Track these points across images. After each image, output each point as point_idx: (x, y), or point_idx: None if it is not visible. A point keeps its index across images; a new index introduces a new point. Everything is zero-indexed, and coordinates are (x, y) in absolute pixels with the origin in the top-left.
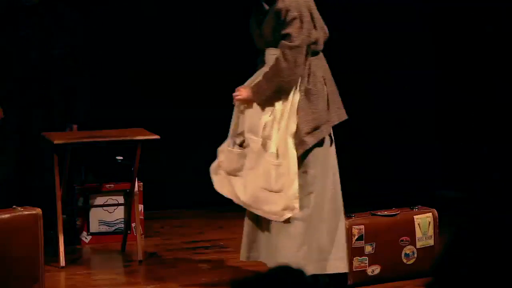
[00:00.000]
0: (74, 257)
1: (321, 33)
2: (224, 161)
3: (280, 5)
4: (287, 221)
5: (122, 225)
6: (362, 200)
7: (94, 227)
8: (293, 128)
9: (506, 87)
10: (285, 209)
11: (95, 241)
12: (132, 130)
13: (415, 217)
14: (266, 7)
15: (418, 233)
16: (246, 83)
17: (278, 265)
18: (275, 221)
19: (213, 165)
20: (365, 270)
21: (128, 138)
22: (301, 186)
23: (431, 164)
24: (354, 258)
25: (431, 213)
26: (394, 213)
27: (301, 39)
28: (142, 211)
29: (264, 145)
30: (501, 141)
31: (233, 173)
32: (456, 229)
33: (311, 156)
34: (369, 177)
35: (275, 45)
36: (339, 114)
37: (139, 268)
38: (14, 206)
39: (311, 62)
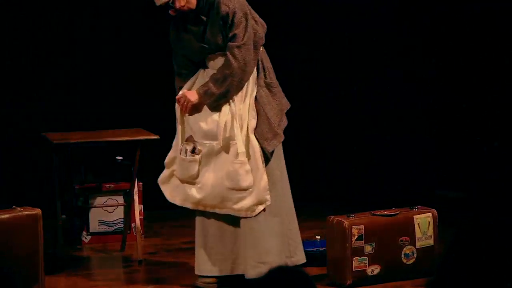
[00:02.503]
0: (74, 257)
1: (262, 27)
2: (177, 170)
3: (224, 9)
4: (262, 220)
5: (122, 225)
6: (362, 200)
7: (94, 227)
8: (253, 124)
9: (505, 84)
10: (258, 203)
11: (95, 241)
12: (132, 131)
13: (414, 217)
14: (204, 18)
15: (418, 233)
16: (186, 86)
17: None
18: (248, 226)
19: (163, 176)
20: (365, 270)
21: (128, 138)
22: (273, 182)
23: (431, 163)
24: (354, 258)
25: (430, 213)
26: (394, 213)
27: (247, 36)
28: (142, 211)
29: (227, 147)
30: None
31: (189, 180)
32: (457, 230)
33: (277, 150)
34: (369, 177)
35: (219, 49)
36: (286, 102)
37: (139, 268)
38: (13, 206)
39: (262, 56)
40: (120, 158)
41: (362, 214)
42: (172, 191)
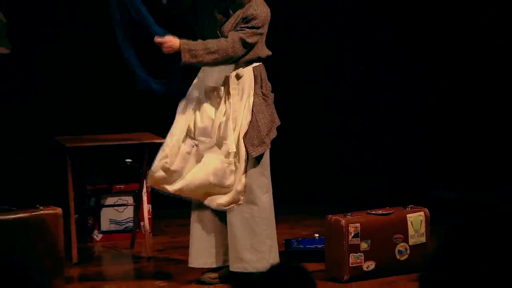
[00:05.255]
0: (86, 254)
1: (262, 51)
2: (175, 161)
3: (251, 12)
4: (255, 221)
5: (131, 224)
6: (358, 200)
7: (105, 225)
8: (245, 128)
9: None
10: (232, 202)
11: (106, 239)
12: (140, 134)
13: (407, 215)
14: (231, 12)
15: (411, 231)
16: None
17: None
18: (242, 226)
19: (155, 166)
20: (361, 266)
21: (137, 141)
22: (260, 186)
23: (425, 165)
24: (350, 255)
25: (423, 212)
26: (388, 212)
27: (251, 38)
28: (150, 210)
29: (219, 145)
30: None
31: (179, 170)
32: (449, 227)
33: (265, 157)
34: (365, 178)
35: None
36: (277, 118)
37: (147, 264)
38: (37, 206)
39: (261, 69)
40: (130, 160)
41: (358, 213)
42: (160, 181)
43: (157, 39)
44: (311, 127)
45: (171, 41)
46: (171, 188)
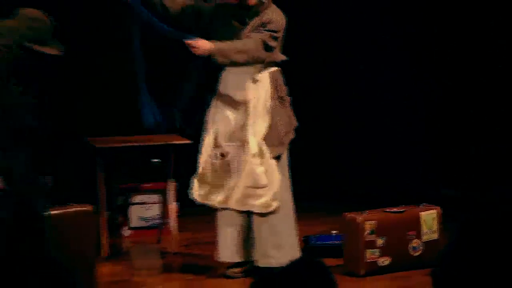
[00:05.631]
0: (116, 249)
1: (281, 55)
2: (208, 174)
3: (267, 17)
4: (278, 219)
5: (158, 221)
6: (374, 199)
7: (133, 222)
8: (263, 130)
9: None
10: (273, 199)
11: (134, 235)
12: (167, 136)
13: (421, 213)
14: (247, 20)
15: (424, 228)
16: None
17: (289, 260)
18: (266, 224)
19: (193, 184)
20: (376, 261)
21: (163, 142)
22: (280, 185)
23: (437, 164)
24: (367, 250)
25: (435, 210)
26: (402, 210)
27: (271, 45)
28: (176, 207)
29: (242, 148)
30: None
31: (218, 183)
32: (460, 224)
33: (284, 157)
34: (380, 178)
35: None
36: (295, 119)
37: (173, 259)
38: (70, 203)
39: (277, 74)
40: (157, 160)
41: (374, 211)
42: (201, 195)
43: (189, 41)
44: (327, 127)
45: (203, 43)
46: (215, 201)
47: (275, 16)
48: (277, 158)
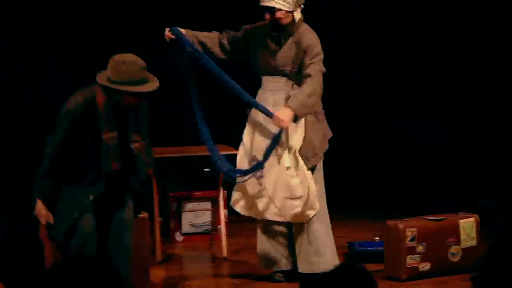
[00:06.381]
0: (169, 253)
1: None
2: (247, 186)
3: (307, 41)
4: (316, 228)
5: (209, 227)
6: (415, 207)
7: (185, 228)
8: (299, 144)
9: None
10: (309, 208)
11: (186, 240)
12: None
13: (460, 221)
14: (283, 40)
15: (463, 235)
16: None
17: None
18: (306, 231)
19: (233, 199)
20: (417, 266)
21: None
22: (317, 197)
23: (473, 174)
24: (408, 256)
25: (474, 218)
26: (442, 218)
27: (322, 68)
28: (226, 215)
29: (278, 161)
30: None
31: (256, 194)
32: (499, 232)
33: (319, 166)
34: (421, 187)
35: (282, 74)
36: (329, 131)
37: (223, 263)
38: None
39: None
40: (208, 169)
41: (414, 218)
42: (243, 207)
43: (277, 122)
44: (372, 139)
45: (283, 115)
46: (256, 212)
47: (313, 37)
48: (312, 169)
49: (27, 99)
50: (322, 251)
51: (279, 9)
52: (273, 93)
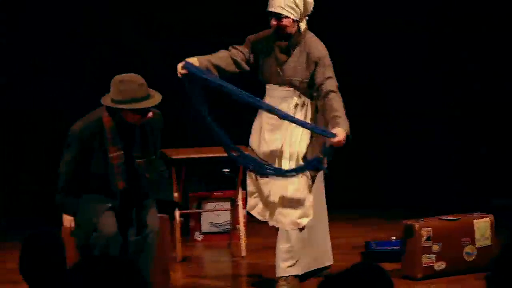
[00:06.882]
0: (189, 252)
1: None
2: (257, 190)
3: (318, 54)
4: (311, 234)
5: (229, 226)
6: (430, 207)
7: (205, 227)
8: (304, 151)
9: None
10: (301, 217)
11: (206, 239)
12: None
13: (474, 221)
14: (292, 51)
15: (477, 235)
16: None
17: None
18: (300, 237)
19: (249, 204)
20: (433, 265)
21: None
22: (313, 205)
23: (488, 174)
24: (423, 255)
25: (488, 218)
26: (457, 218)
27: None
28: (245, 215)
29: (281, 167)
30: None
31: (265, 199)
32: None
33: (319, 174)
34: (436, 188)
35: (290, 84)
36: None
37: (242, 262)
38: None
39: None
40: (227, 170)
41: (430, 218)
42: (260, 214)
43: (337, 142)
44: (388, 140)
45: (339, 136)
46: (266, 217)
47: (322, 48)
48: (314, 177)
49: (27, 99)
50: (328, 249)
51: (286, 17)
52: (280, 101)
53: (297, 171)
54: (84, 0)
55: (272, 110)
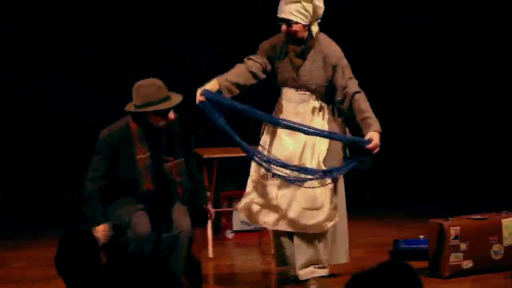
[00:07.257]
0: (220, 250)
1: None
2: (258, 194)
3: (335, 60)
4: (334, 236)
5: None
6: (457, 207)
7: (236, 226)
8: (324, 153)
9: None
10: (326, 220)
11: (237, 237)
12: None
13: (502, 220)
14: (307, 54)
15: (505, 234)
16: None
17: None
18: (321, 241)
19: (243, 204)
20: (460, 264)
21: None
22: (336, 207)
23: (486, 173)
24: (451, 254)
25: None
26: (485, 217)
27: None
28: None
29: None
30: None
31: (269, 204)
32: None
33: (340, 177)
34: (463, 188)
35: (307, 88)
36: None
37: (272, 260)
38: None
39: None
40: None
41: (458, 217)
42: (251, 216)
43: (375, 147)
44: (416, 142)
45: (375, 141)
46: (266, 222)
47: (337, 49)
48: (335, 179)
49: (27, 99)
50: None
51: (296, 22)
52: (297, 104)
53: (332, 173)
54: (84, 0)
55: (301, 130)
